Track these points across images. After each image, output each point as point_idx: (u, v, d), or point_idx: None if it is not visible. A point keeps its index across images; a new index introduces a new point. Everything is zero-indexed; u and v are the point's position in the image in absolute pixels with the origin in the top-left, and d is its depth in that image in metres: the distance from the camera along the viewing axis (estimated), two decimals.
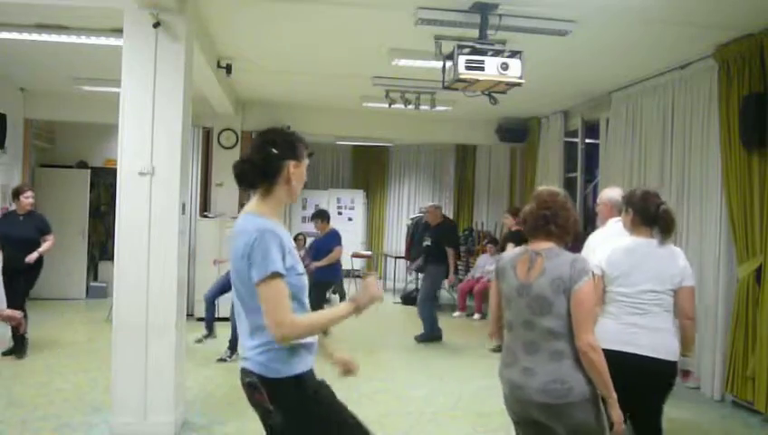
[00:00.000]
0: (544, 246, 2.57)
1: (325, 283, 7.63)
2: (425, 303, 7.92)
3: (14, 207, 6.53)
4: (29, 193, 6.48)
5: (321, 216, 7.73)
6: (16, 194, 6.44)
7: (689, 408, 5.32)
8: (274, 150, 2.23)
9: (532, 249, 2.59)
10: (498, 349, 3.97)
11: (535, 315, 2.48)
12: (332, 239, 7.57)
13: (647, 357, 2.99)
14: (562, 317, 2.44)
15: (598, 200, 4.27)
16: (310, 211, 12.29)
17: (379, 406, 5.17)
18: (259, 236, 2.12)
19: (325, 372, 2.33)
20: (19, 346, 6.24)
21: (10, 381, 5.55)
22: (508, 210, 8.01)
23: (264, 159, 2.23)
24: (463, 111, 8.68)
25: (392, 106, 7.78)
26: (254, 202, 2.27)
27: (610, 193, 4.10)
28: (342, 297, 10.40)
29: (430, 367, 6.68)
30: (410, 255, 11.32)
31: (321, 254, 7.43)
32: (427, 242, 8.16)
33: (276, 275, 2.09)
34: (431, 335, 7.79)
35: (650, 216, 3.15)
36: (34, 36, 5.52)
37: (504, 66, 4.48)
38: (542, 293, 2.46)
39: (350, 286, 10.93)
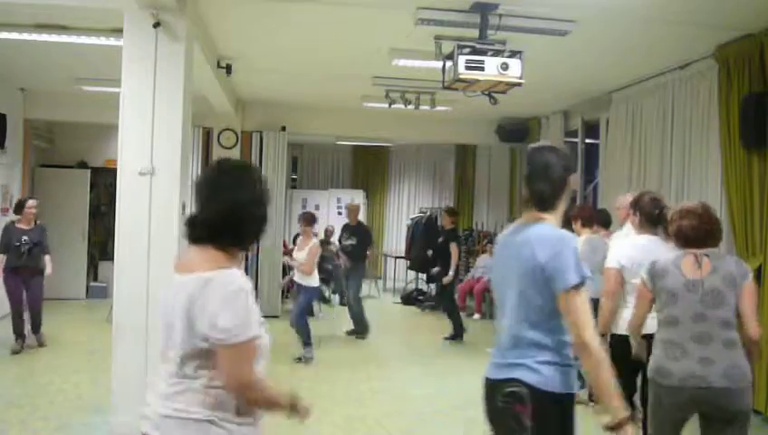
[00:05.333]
0: (705, 249, 2.95)
1: None
2: (356, 300, 8.07)
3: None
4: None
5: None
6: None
7: None
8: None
9: (693, 252, 2.94)
10: None
11: (708, 308, 2.82)
12: None
13: None
14: (732, 309, 2.82)
15: (617, 205, 4.85)
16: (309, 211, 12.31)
17: (379, 406, 5.15)
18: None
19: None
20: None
21: (10, 381, 5.56)
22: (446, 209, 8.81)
23: None
24: (463, 111, 8.68)
25: (392, 106, 7.78)
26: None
27: (628, 198, 4.51)
28: (342, 297, 10.39)
29: (430, 367, 6.68)
30: (410, 254, 11.33)
31: None
32: (352, 241, 8.25)
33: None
34: (359, 330, 7.96)
35: (654, 218, 3.77)
36: (34, 36, 5.51)
37: (504, 66, 4.48)
38: (717, 287, 2.83)
39: None
